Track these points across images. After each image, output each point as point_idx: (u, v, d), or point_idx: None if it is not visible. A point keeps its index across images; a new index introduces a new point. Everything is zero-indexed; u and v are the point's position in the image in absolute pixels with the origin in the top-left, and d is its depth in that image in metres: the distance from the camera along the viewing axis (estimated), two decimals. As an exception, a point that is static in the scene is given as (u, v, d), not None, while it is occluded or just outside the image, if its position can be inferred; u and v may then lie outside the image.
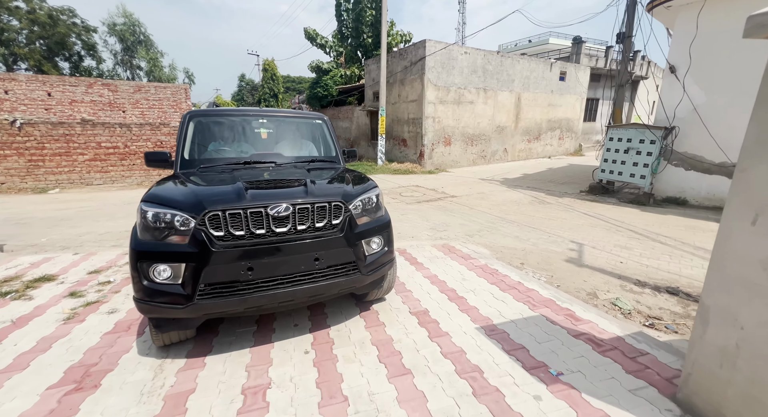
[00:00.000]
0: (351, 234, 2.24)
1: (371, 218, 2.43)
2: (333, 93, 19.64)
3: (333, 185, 2.49)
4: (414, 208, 6.93)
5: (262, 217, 2.05)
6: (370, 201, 2.46)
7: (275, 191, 2.24)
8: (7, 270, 3.74)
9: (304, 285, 2.13)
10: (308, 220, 2.15)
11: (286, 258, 2.07)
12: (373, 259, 2.36)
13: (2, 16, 25.36)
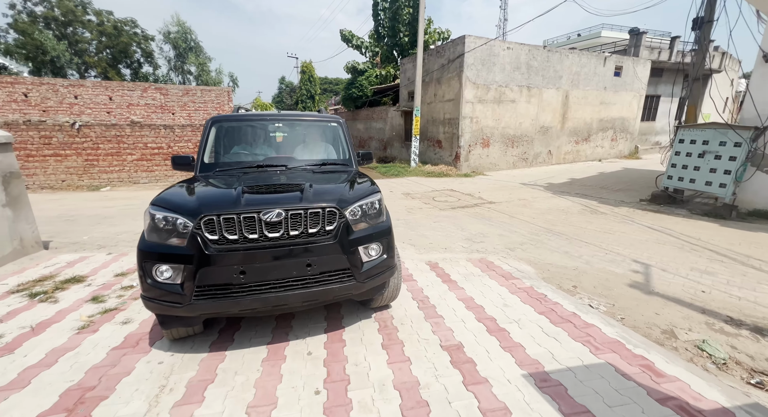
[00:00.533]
0: (346, 240, 2.19)
1: (370, 224, 2.34)
2: (368, 93, 19.51)
3: (331, 190, 2.44)
4: (448, 215, 6.45)
5: (255, 223, 2.06)
6: (370, 206, 2.38)
7: (269, 196, 2.27)
8: (45, 268, 3.84)
9: (297, 290, 2.12)
10: (301, 225, 2.13)
11: (278, 263, 2.08)
12: (370, 267, 2.29)
13: (77, 29, 28.25)
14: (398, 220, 6.10)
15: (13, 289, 3.27)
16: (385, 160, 16.24)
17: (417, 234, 5.29)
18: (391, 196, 8.29)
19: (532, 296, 3.11)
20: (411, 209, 6.96)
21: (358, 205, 2.31)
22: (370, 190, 2.53)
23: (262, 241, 2.07)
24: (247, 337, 2.47)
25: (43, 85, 15.96)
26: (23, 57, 25.28)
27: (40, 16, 26.20)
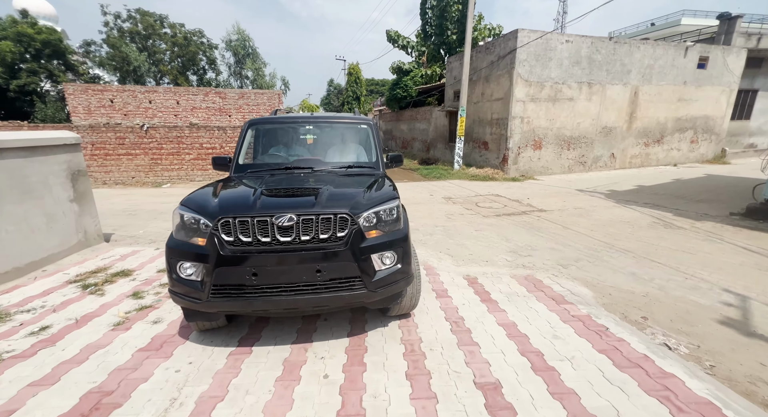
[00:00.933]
0: (357, 248, 2.14)
1: (384, 232, 2.27)
2: (412, 94, 19.23)
3: (347, 195, 2.37)
4: (492, 223, 5.96)
5: (268, 226, 2.08)
6: (387, 213, 2.30)
7: (284, 200, 2.31)
8: (102, 260, 4.14)
9: (307, 295, 2.12)
10: (312, 231, 2.12)
11: (288, 267, 2.09)
12: (383, 275, 2.22)
13: (155, 42, 31.63)
14: (436, 226, 5.76)
15: (71, 279, 3.54)
16: (428, 161, 15.82)
17: (456, 243, 4.92)
18: (431, 200, 7.94)
19: (590, 328, 2.63)
20: (451, 215, 6.57)
21: (373, 211, 2.24)
22: (388, 195, 2.43)
23: (274, 245, 2.08)
24: (272, 336, 2.45)
25: (125, 92, 18.01)
26: (112, 68, 28.85)
27: (126, 31, 29.74)
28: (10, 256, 3.45)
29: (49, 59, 23.87)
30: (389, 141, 24.89)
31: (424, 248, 4.67)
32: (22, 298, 3.09)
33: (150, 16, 30.38)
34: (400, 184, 10.24)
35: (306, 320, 2.77)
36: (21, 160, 3.58)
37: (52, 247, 3.92)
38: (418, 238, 5.14)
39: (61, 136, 4.05)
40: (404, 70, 20.07)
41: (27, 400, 1.83)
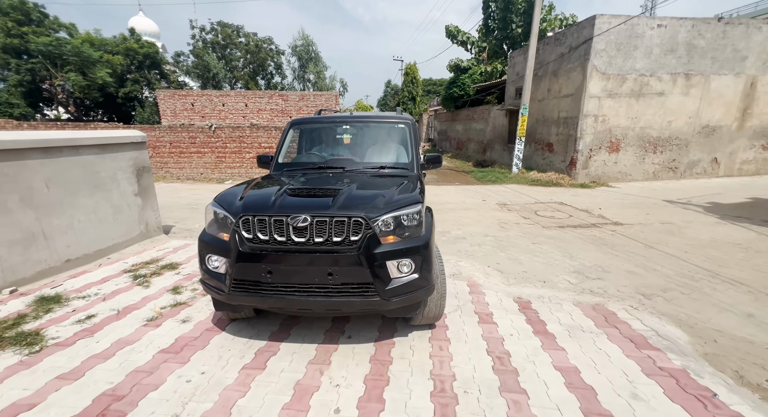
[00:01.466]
0: (370, 253, 2.05)
1: (402, 238, 2.17)
2: (470, 92, 18.32)
3: (366, 198, 2.28)
4: (553, 236, 5.21)
5: (284, 226, 2.09)
6: (407, 218, 2.19)
7: (301, 201, 2.32)
8: (158, 252, 4.42)
9: (318, 297, 2.10)
10: (326, 233, 2.08)
11: (300, 268, 2.08)
12: (399, 284, 2.11)
13: (232, 50, 34.85)
14: (486, 236, 5.20)
15: (127, 269, 3.79)
16: (484, 164, 14.89)
17: (508, 257, 4.34)
18: (483, 206, 7.30)
19: (688, 389, 1.98)
20: (505, 224, 5.92)
21: (391, 215, 2.15)
22: (410, 199, 2.29)
23: (289, 245, 2.09)
24: (289, 352, 2.18)
25: (203, 96, 19.97)
26: (196, 75, 32.41)
27: (209, 42, 33.22)
28: (81, 244, 3.81)
29: (148, 69, 27.61)
30: (443, 142, 24.15)
31: (470, 261, 4.19)
32: (83, 284, 3.35)
33: (228, 27, 33.46)
34: (450, 188, 9.71)
35: (334, 324, 2.54)
36: (93, 157, 3.93)
37: (117, 237, 4.26)
38: (464, 248, 4.66)
39: (128, 135, 4.40)
40: (462, 68, 19.24)
41: (49, 395, 1.87)
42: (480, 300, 3.17)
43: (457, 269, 3.93)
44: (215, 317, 2.76)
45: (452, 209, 6.97)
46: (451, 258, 4.27)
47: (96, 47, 23.93)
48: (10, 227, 3.13)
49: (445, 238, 5.10)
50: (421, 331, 2.62)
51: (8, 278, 3.13)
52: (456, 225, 5.80)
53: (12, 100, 21.98)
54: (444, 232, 5.41)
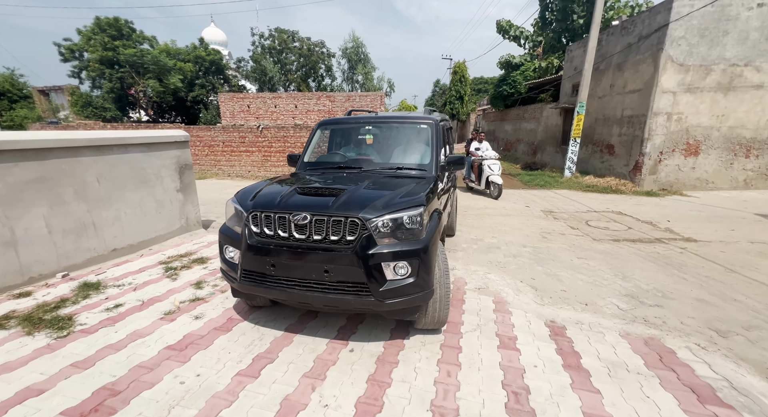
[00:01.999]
0: (365, 254, 2.08)
1: (400, 240, 2.16)
2: (521, 90, 17.22)
3: (366, 199, 2.30)
4: (604, 251, 4.58)
5: (287, 222, 2.20)
6: (407, 221, 2.18)
7: (305, 199, 2.37)
8: (194, 245, 4.67)
9: (316, 293, 2.20)
10: (324, 231, 2.16)
11: (299, 263, 2.17)
12: (394, 286, 2.12)
13: (287, 55, 36.78)
14: (524, 246, 4.72)
15: (163, 260, 4.04)
16: (533, 167, 13.86)
17: (546, 272, 3.88)
18: (526, 213, 6.71)
19: (765, 469, 1.51)
20: (548, 234, 5.35)
21: (389, 217, 2.15)
22: (412, 202, 2.27)
23: (290, 240, 2.19)
24: (300, 345, 2.08)
25: (257, 99, 21.28)
26: (254, 79, 34.75)
27: (266, 47, 35.41)
28: (127, 235, 4.14)
29: (214, 75, 30.19)
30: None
31: (500, 273, 3.82)
32: (122, 273, 3.62)
33: (284, 32, 35.33)
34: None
35: (342, 330, 2.41)
36: (140, 155, 4.25)
37: (159, 230, 4.58)
38: (497, 259, 4.26)
39: (172, 135, 4.70)
40: (513, 65, 18.16)
41: (58, 383, 1.97)
42: (505, 320, 2.83)
43: (484, 282, 3.58)
44: (226, 316, 2.78)
45: (490, 215, 6.51)
46: (480, 269, 3.93)
47: (171, 56, 26.72)
48: (65, 217, 3.48)
49: (476, 246, 4.74)
50: (430, 350, 2.38)
51: (62, 263, 3.48)
52: (492, 232, 5.38)
53: (105, 105, 25.39)
54: (476, 239, 5.03)
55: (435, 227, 2.35)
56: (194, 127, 12.45)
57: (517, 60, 18.22)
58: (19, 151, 3.08)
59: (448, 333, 2.63)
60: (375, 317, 2.82)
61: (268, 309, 2.91)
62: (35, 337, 2.41)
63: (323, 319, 2.78)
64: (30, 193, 3.18)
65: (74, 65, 25.69)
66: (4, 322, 2.57)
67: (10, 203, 3.05)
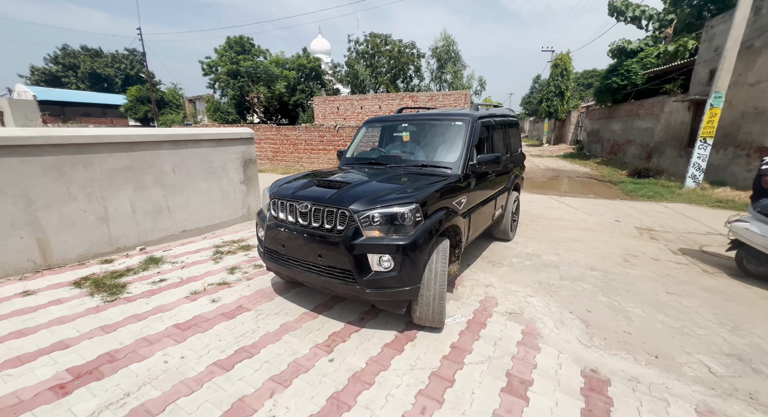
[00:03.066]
0: (351, 243, 2.25)
1: (386, 234, 2.27)
2: (636, 81, 14.34)
3: (361, 193, 2.47)
4: (714, 288, 3.40)
5: (294, 210, 2.54)
6: (392, 217, 2.28)
7: (312, 191, 2.63)
8: (248, 233, 5.13)
9: (313, 274, 2.46)
10: (320, 220, 2.41)
11: (300, 246, 2.48)
12: (376, 278, 2.26)
13: (379, 59, 38.27)
14: (593, 270, 3.84)
15: (218, 244, 4.53)
16: (644, 173, 11.37)
17: (611, 304, 3.06)
18: (612, 229, 5.49)
19: None
20: (634, 257, 4.26)
21: (378, 211, 2.27)
22: (405, 199, 2.35)
23: (296, 225, 2.53)
24: (285, 344, 2.07)
25: (345, 101, 22.66)
26: (347, 83, 37.18)
27: (360, 52, 37.46)
28: (195, 219, 4.78)
29: (313, 80, 33.39)
30: (593, 144, 19.90)
31: (546, 299, 3.17)
32: (182, 252, 4.18)
33: (378, 37, 36.76)
34: (576, 200, 7.74)
35: (344, 328, 2.30)
36: (210, 149, 4.86)
37: (223, 217, 5.18)
38: (549, 280, 3.56)
39: (238, 132, 5.25)
40: (629, 52, 15.23)
41: (83, 341, 2.33)
42: (527, 357, 2.30)
43: (520, 306, 3.01)
44: (237, 303, 2.93)
45: (563, 228, 5.53)
46: (522, 290, 3.33)
47: (280, 66, 30.51)
48: (145, 200, 4.19)
49: (529, 262, 4.05)
50: (416, 377, 2.07)
51: (141, 239, 4.21)
52: (556, 248, 4.54)
53: (228, 109, 30.56)
54: (533, 254, 4.31)
55: (434, 225, 2.39)
56: (283, 127, 13.87)
57: (635, 45, 15.20)
58: (114, 144, 3.81)
59: (447, 360, 2.26)
60: (372, 324, 2.62)
61: (275, 302, 2.97)
62: (93, 298, 2.93)
63: (321, 321, 2.70)
64: (119, 179, 3.91)
65: (210, 78, 31.52)
66: (82, 281, 3.21)
67: (105, 186, 3.79)
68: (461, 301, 3.12)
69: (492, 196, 3.83)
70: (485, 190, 3.56)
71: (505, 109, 4.95)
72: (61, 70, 46.95)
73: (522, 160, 5.18)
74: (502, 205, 4.30)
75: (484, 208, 3.56)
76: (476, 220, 3.37)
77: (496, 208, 4.04)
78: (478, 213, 3.40)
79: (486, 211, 3.64)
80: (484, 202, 3.58)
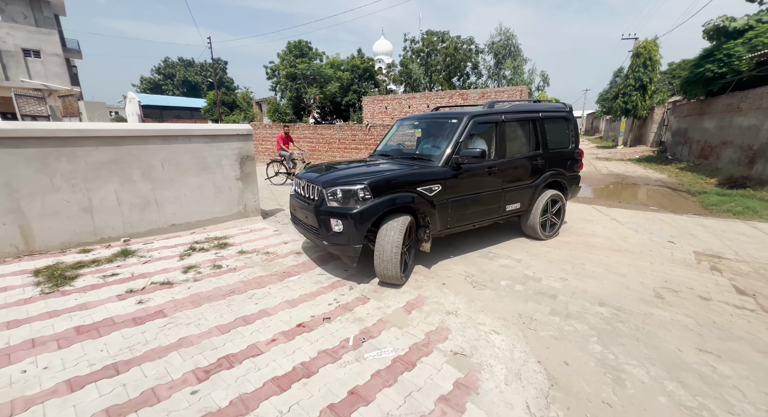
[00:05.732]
0: (319, 210, 3.23)
1: (340, 205, 3.11)
2: (739, 68, 11.57)
3: (336, 176, 3.36)
4: (779, 353, 2.32)
5: (300, 185, 3.68)
6: (346, 192, 3.09)
7: (309, 174, 3.70)
8: (238, 230, 5.12)
9: (305, 230, 3.59)
10: (309, 193, 3.47)
11: (300, 210, 3.60)
12: (333, 235, 3.13)
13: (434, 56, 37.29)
14: (602, 306, 2.96)
15: (199, 240, 4.54)
16: (740, 183, 9.05)
17: (602, 356, 2.26)
18: (657, 252, 4.29)
19: None
20: (670, 292, 3.20)
21: (338, 188, 3.12)
22: (357, 181, 3.12)
23: (301, 197, 3.62)
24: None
25: (394, 100, 22.46)
26: (400, 82, 36.93)
27: (415, 51, 36.90)
28: (185, 214, 4.89)
29: (366, 81, 33.84)
30: (678, 146, 16.74)
31: (516, 338, 2.49)
32: (160, 246, 4.26)
33: (434, 34, 35.87)
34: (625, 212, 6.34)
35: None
36: (202, 145, 4.92)
37: (216, 212, 5.23)
38: (534, 314, 2.82)
39: (234, 128, 5.25)
40: (731, 32, 12.37)
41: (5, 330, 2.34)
42: None
43: (473, 345, 2.39)
44: (159, 308, 2.79)
45: (591, 246, 4.50)
46: (489, 323, 2.67)
47: (335, 67, 31.50)
48: (132, 193, 4.36)
49: (520, 287, 3.30)
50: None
51: (127, 231, 4.39)
52: (566, 271, 3.67)
53: (286, 110, 32.53)
54: (531, 276, 3.52)
55: (382, 203, 3.09)
56: (319, 126, 14.12)
57: (740, 23, 12.27)
58: (99, 138, 4.01)
59: (330, 411, 1.79)
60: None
61: (198, 310, 2.77)
62: (36, 288, 3.03)
63: (222, 341, 2.41)
64: (105, 172, 4.10)
65: (273, 81, 33.85)
66: (43, 270, 3.37)
67: (90, 178, 4.01)
68: (405, 329, 2.59)
69: (496, 190, 4.00)
70: (481, 182, 3.84)
71: (548, 105, 4.79)
72: (162, 79, 54.78)
73: (569, 157, 4.82)
74: (524, 202, 4.36)
75: (478, 200, 3.83)
76: (462, 208, 3.72)
77: (507, 202, 4.16)
78: (466, 203, 3.73)
79: (482, 203, 3.88)
80: (479, 194, 3.82)
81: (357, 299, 3.04)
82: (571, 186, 4.93)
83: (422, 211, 3.35)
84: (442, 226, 3.58)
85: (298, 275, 3.52)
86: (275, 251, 4.18)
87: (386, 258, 3.02)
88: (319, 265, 3.76)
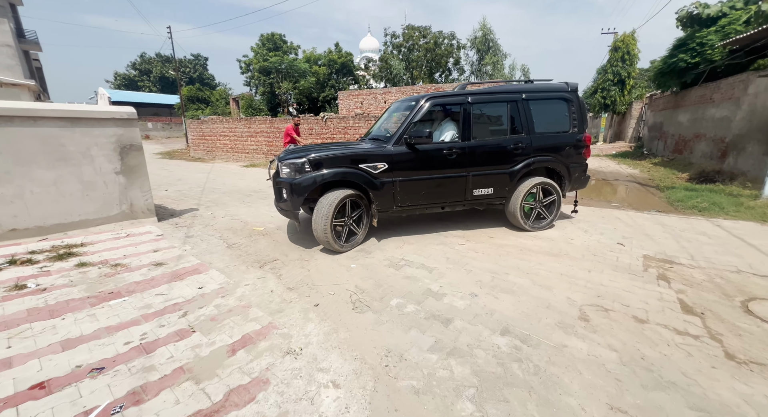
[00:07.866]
0: (276, 180, 3.78)
1: (286, 176, 3.57)
2: (712, 57, 11.09)
3: (293, 152, 3.82)
4: (725, 402, 1.57)
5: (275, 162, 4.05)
6: (290, 165, 3.53)
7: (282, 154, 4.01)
8: (113, 235, 4.25)
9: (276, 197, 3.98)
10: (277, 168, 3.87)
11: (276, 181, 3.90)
12: (281, 201, 3.68)
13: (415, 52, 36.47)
14: (505, 334, 2.20)
15: (42, 248, 3.65)
16: (712, 177, 8.47)
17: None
18: (602, 257, 3.55)
19: None
20: (599, 312, 2.45)
21: (287, 162, 3.56)
22: (301, 156, 3.51)
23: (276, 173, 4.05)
24: None
25: (369, 95, 21.64)
26: (380, 78, 36.04)
27: (396, 46, 36.02)
28: (34, 216, 3.96)
29: (344, 76, 32.84)
30: (654, 141, 16.35)
31: (364, 391, 1.67)
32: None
33: (415, 30, 35.07)
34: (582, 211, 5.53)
35: None
36: (57, 130, 4.00)
37: (86, 214, 4.32)
38: (410, 349, 2.05)
39: (109, 111, 4.34)
40: (704, 19, 11.90)
41: None
42: None
43: (284, 412, 1.57)
44: None
45: (528, 249, 3.75)
46: (337, 367, 1.87)
47: (312, 62, 30.40)
48: (-53, 190, 3.42)
49: (415, 308, 2.52)
50: None
51: (-58, 236, 3.45)
52: (482, 285, 2.89)
53: (260, 106, 31.27)
54: (435, 293, 2.74)
55: (321, 175, 3.47)
56: (276, 119, 13.18)
57: (713, 9, 11.79)
58: None
59: None
60: None
61: None
62: None
63: None
64: None
65: (247, 76, 32.55)
66: None
67: None
68: (203, 384, 1.78)
69: (460, 174, 3.93)
70: (439, 164, 3.84)
71: (538, 85, 4.45)
72: (137, 75, 52.62)
73: (569, 142, 4.34)
74: (499, 188, 4.14)
75: (435, 182, 3.87)
76: (415, 189, 3.82)
77: (475, 187, 4.04)
78: (419, 184, 3.82)
79: (441, 185, 3.90)
80: (436, 176, 3.85)
81: (176, 333, 2.21)
82: (572, 175, 4.39)
83: (365, 187, 3.61)
84: (390, 204, 3.77)
85: (126, 297, 2.67)
86: (129, 263, 3.32)
87: (319, 226, 3.43)
88: (171, 281, 2.92)
